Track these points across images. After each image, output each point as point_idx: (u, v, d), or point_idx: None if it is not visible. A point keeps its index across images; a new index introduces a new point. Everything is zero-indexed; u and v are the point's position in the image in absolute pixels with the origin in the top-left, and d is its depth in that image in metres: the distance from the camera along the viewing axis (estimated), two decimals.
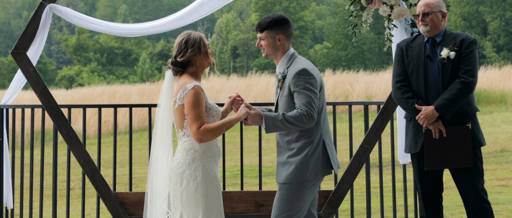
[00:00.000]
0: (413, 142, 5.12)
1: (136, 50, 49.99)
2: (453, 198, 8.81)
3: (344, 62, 44.27)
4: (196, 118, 4.33)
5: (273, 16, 4.57)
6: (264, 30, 4.56)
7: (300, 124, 4.38)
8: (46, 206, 9.15)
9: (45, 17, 5.52)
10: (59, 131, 5.51)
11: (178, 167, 4.39)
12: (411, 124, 5.15)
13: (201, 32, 4.55)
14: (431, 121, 4.95)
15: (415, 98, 5.05)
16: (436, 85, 5.03)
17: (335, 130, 5.95)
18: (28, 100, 22.54)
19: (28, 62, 5.50)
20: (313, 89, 4.43)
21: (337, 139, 6.72)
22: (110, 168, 11.69)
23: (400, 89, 5.11)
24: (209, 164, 4.39)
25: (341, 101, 18.42)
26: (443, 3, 5.12)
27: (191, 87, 4.35)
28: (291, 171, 4.48)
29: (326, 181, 10.35)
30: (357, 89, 22.70)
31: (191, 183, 4.34)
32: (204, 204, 4.34)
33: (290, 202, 4.49)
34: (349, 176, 5.46)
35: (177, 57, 4.45)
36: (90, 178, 5.51)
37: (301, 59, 4.57)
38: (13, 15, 67.37)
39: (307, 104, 4.39)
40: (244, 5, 61.46)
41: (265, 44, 4.58)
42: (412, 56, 5.09)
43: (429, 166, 4.99)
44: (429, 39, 5.06)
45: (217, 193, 4.40)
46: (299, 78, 4.43)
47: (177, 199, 4.40)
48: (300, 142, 4.49)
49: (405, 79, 5.15)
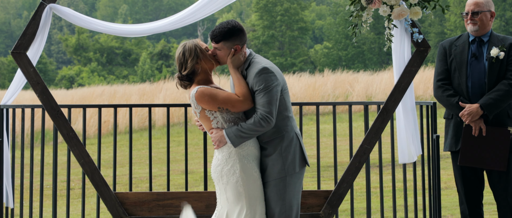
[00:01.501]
0: (454, 140, 5.16)
1: (136, 50, 49.97)
2: (453, 198, 8.81)
3: (344, 62, 44.25)
4: (226, 101, 4.39)
5: (228, 26, 4.51)
6: (220, 41, 4.52)
7: (260, 128, 4.42)
8: (46, 206, 9.15)
9: (45, 17, 5.52)
10: (59, 131, 5.51)
11: (217, 165, 4.51)
12: (452, 122, 5.19)
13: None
14: (474, 119, 4.98)
15: (457, 96, 5.08)
16: (481, 84, 5.06)
17: (335, 130, 5.95)
18: (28, 100, 22.53)
19: (28, 62, 5.50)
20: (273, 88, 4.42)
21: (337, 139, 6.71)
22: (110, 168, 11.69)
23: (441, 88, 5.16)
24: (246, 156, 4.47)
25: (341, 101, 18.42)
26: (492, 3, 5.12)
27: (194, 92, 4.43)
28: (270, 167, 4.51)
29: (326, 181, 10.35)
30: (357, 89, 22.69)
31: (231, 178, 4.43)
32: (247, 196, 4.41)
33: (282, 197, 4.51)
34: (349, 176, 5.45)
35: (181, 72, 4.51)
36: (90, 178, 5.51)
37: (259, 58, 4.57)
38: (13, 15, 67.35)
39: (267, 104, 4.40)
40: (245, 5, 61.45)
41: (221, 54, 4.56)
42: (455, 54, 5.12)
43: (463, 162, 5.03)
44: (475, 38, 5.07)
45: (257, 183, 4.47)
46: (260, 78, 4.43)
47: (223, 196, 4.49)
48: (272, 138, 4.53)
49: (447, 77, 5.19)
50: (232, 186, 4.43)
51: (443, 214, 7.80)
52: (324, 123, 17.82)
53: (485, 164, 5.01)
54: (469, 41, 5.13)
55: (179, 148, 14.69)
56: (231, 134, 4.44)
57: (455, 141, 5.16)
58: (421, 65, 5.44)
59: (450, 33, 43.35)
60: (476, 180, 5.18)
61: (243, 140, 4.45)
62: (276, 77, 4.48)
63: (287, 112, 4.57)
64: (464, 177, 5.18)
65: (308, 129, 16.49)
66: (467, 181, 5.17)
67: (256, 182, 4.48)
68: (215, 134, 4.48)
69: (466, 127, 5.04)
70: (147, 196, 5.57)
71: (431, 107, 5.72)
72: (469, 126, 5.03)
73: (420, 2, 5.08)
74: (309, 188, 9.35)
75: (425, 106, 5.83)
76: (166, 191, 5.61)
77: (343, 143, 13.59)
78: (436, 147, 5.62)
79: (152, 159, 6.05)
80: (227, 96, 4.42)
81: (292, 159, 4.55)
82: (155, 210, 5.56)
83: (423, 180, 5.87)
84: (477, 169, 5.16)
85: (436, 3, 5.08)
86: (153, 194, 5.58)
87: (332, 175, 10.65)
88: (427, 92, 21.68)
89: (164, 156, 13.67)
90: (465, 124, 5.04)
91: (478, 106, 4.97)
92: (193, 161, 12.75)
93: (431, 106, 5.72)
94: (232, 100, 4.41)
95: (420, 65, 5.40)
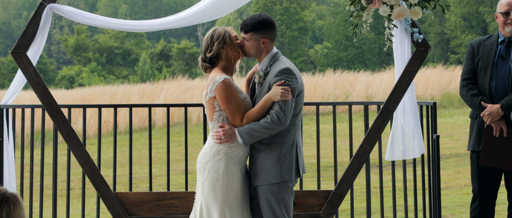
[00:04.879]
0: (477, 140, 5.16)
1: (136, 50, 49.95)
2: (453, 198, 8.81)
3: (344, 62, 44.23)
4: (236, 110, 4.39)
5: (259, 18, 4.51)
6: (249, 31, 4.52)
7: (273, 127, 4.38)
8: (46, 206, 9.15)
9: (45, 17, 5.51)
10: (59, 131, 5.51)
11: (203, 157, 4.48)
12: (476, 122, 5.19)
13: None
14: (495, 119, 4.98)
15: (480, 95, 5.08)
16: (504, 84, 5.05)
17: (335, 130, 5.95)
18: (28, 100, 22.52)
19: (28, 62, 5.50)
20: (291, 90, 4.41)
21: (337, 139, 6.71)
22: (110, 168, 11.69)
23: (466, 87, 5.16)
24: (233, 159, 4.43)
25: (341, 101, 18.41)
26: None
27: (221, 79, 4.39)
28: (266, 171, 4.47)
29: (326, 181, 10.35)
30: (357, 89, 22.69)
31: (212, 174, 4.39)
32: (222, 198, 4.36)
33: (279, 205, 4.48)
34: (349, 176, 5.45)
35: (206, 53, 4.52)
36: (90, 178, 5.51)
37: (284, 59, 4.56)
38: (13, 15, 67.34)
39: (282, 104, 4.38)
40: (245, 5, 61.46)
41: (249, 45, 4.55)
42: (482, 54, 5.12)
43: (483, 162, 5.03)
44: (504, 39, 5.06)
45: (236, 188, 4.41)
46: (280, 77, 4.42)
47: (199, 188, 4.46)
48: (272, 141, 4.49)
49: (473, 77, 5.18)
50: (211, 182, 4.39)
51: (443, 214, 7.80)
52: (324, 123, 17.81)
53: (504, 165, 5.01)
54: (498, 41, 5.11)
55: (179, 148, 14.68)
56: (243, 132, 4.42)
57: (478, 141, 5.16)
58: (421, 65, 5.44)
59: (450, 33, 43.35)
60: (492, 179, 5.18)
61: (255, 138, 4.42)
62: (297, 81, 4.47)
63: (295, 118, 4.53)
64: (479, 176, 5.18)
65: (308, 129, 16.49)
66: (482, 180, 5.17)
67: (235, 186, 4.42)
68: (227, 129, 4.44)
69: (487, 127, 5.04)
70: (147, 196, 5.57)
71: (431, 107, 5.72)
72: (490, 126, 5.02)
73: (420, 2, 5.08)
74: (309, 188, 9.34)
75: (425, 106, 5.83)
76: (166, 191, 5.60)
77: (343, 143, 13.58)
78: (436, 147, 5.62)
79: (152, 159, 6.05)
80: (237, 108, 4.40)
81: (289, 166, 4.50)
82: (155, 210, 5.56)
83: (423, 180, 5.87)
84: (494, 169, 5.16)
85: (436, 3, 5.08)
86: (153, 194, 5.57)
87: (332, 175, 10.64)
88: (427, 92, 21.68)
89: (164, 156, 13.67)
90: (487, 125, 5.04)
91: (499, 107, 4.97)
92: (193, 161, 12.70)
93: (431, 106, 5.72)
94: (238, 114, 4.39)
95: (420, 65, 5.39)
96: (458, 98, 20.46)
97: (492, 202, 5.23)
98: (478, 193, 5.22)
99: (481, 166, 5.16)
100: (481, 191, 5.19)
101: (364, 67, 39.25)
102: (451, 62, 36.80)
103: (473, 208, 5.27)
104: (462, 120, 17.47)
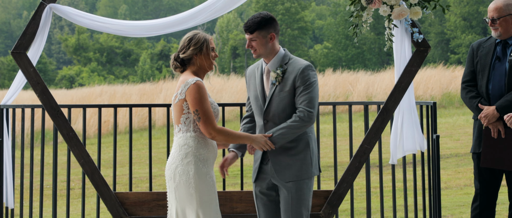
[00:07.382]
0: (477, 141, 5.17)
1: (136, 50, 49.98)
2: (453, 198, 8.81)
3: (344, 62, 44.25)
4: (208, 113, 4.34)
5: (261, 16, 4.57)
6: (255, 31, 4.55)
7: (302, 124, 4.43)
8: (46, 206, 9.15)
9: (45, 17, 5.51)
10: (59, 131, 5.50)
11: (171, 162, 4.42)
12: (477, 123, 5.20)
13: (201, 31, 4.53)
14: (492, 121, 4.99)
15: (479, 97, 5.09)
16: (501, 86, 5.05)
17: (335, 130, 5.95)
18: (28, 100, 22.53)
19: (28, 62, 5.50)
20: (316, 85, 4.50)
21: (337, 139, 6.71)
22: (110, 168, 11.69)
23: (465, 90, 5.18)
24: (202, 161, 4.38)
25: (341, 101, 18.41)
26: None
27: (193, 81, 4.35)
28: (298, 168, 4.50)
29: (326, 181, 10.35)
30: (357, 89, 22.70)
31: (183, 178, 4.35)
32: (198, 199, 4.34)
33: (307, 200, 4.52)
34: (349, 176, 5.45)
35: (180, 53, 4.49)
36: (90, 178, 5.50)
37: (298, 58, 4.65)
38: (13, 15, 67.37)
39: (310, 101, 4.43)
40: (245, 5, 61.43)
41: (257, 44, 4.58)
42: (480, 55, 5.13)
43: (484, 164, 5.04)
44: (501, 40, 5.07)
45: (211, 190, 4.39)
46: (305, 74, 4.48)
47: (172, 195, 4.42)
48: (301, 138, 4.52)
49: (472, 79, 5.20)
50: (184, 186, 4.34)
51: (443, 214, 7.80)
52: (324, 122, 17.82)
53: (505, 165, 5.02)
54: (496, 42, 5.14)
55: None
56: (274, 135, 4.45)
57: (479, 142, 5.18)
58: (421, 65, 5.44)
59: (450, 33, 43.37)
60: (493, 179, 5.19)
61: (286, 139, 4.44)
62: (317, 76, 4.56)
63: None
64: (480, 177, 5.20)
65: None
66: (484, 181, 5.19)
67: (209, 186, 4.38)
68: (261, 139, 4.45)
69: (485, 129, 5.05)
70: (147, 196, 5.56)
71: (431, 107, 5.72)
72: (488, 129, 5.04)
73: (420, 2, 5.07)
74: None
75: (425, 106, 5.83)
76: (166, 191, 5.60)
77: (343, 143, 13.59)
78: (436, 147, 5.62)
79: (152, 159, 6.05)
80: (209, 110, 4.35)
81: (316, 161, 4.61)
82: (155, 210, 5.55)
83: (423, 180, 5.87)
84: (495, 170, 5.17)
85: (436, 3, 5.08)
86: (153, 194, 5.57)
87: (332, 175, 10.64)
88: (427, 92, 21.68)
89: (164, 156, 13.67)
90: (485, 126, 5.05)
91: (494, 109, 4.98)
92: None
93: (431, 106, 5.72)
94: (210, 117, 4.33)
95: (420, 65, 5.39)
96: (458, 99, 20.47)
97: (493, 202, 5.24)
98: (479, 193, 5.23)
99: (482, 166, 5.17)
100: (482, 191, 5.21)
101: (364, 67, 39.27)
102: (451, 62, 36.82)
103: (474, 207, 5.28)
104: (462, 120, 17.48)
